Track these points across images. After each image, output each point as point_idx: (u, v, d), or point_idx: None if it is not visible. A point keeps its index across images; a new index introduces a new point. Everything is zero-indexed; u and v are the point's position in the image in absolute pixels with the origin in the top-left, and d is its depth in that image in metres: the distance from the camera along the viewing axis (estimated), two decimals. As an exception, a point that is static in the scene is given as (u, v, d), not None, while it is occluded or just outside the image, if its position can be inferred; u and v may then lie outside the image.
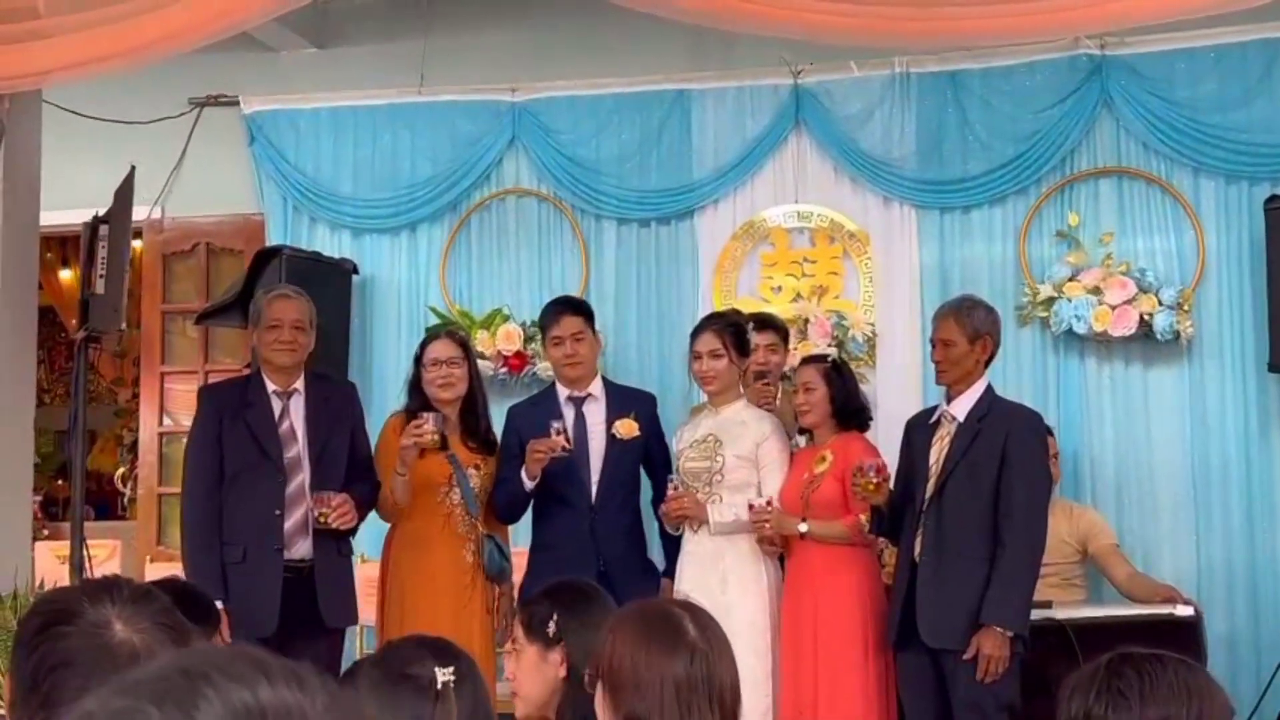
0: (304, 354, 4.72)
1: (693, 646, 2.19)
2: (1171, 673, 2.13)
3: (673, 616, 2.25)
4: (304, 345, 4.71)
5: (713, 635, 2.25)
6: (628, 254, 6.29)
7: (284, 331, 4.66)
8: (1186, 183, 5.76)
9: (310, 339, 4.73)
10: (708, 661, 2.19)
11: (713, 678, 2.18)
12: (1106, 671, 2.14)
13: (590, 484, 4.82)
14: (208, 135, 6.67)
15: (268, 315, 4.69)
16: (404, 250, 6.49)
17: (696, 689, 2.16)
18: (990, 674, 4.24)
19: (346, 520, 4.56)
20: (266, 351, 4.70)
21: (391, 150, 6.48)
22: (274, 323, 4.67)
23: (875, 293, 6.01)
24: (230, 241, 6.71)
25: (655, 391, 5.42)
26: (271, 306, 4.71)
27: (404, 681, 2.15)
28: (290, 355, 4.68)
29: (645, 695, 2.16)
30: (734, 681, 2.23)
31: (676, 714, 2.14)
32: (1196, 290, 5.67)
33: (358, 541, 5.89)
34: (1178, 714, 2.10)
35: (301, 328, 4.69)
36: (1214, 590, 5.48)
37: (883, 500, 4.47)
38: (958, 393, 4.55)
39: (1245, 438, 5.59)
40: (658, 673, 2.17)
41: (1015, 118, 5.92)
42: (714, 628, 2.27)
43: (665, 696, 2.15)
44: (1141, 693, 2.10)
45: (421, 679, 2.14)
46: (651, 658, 2.19)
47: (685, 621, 2.23)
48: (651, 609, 2.36)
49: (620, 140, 6.29)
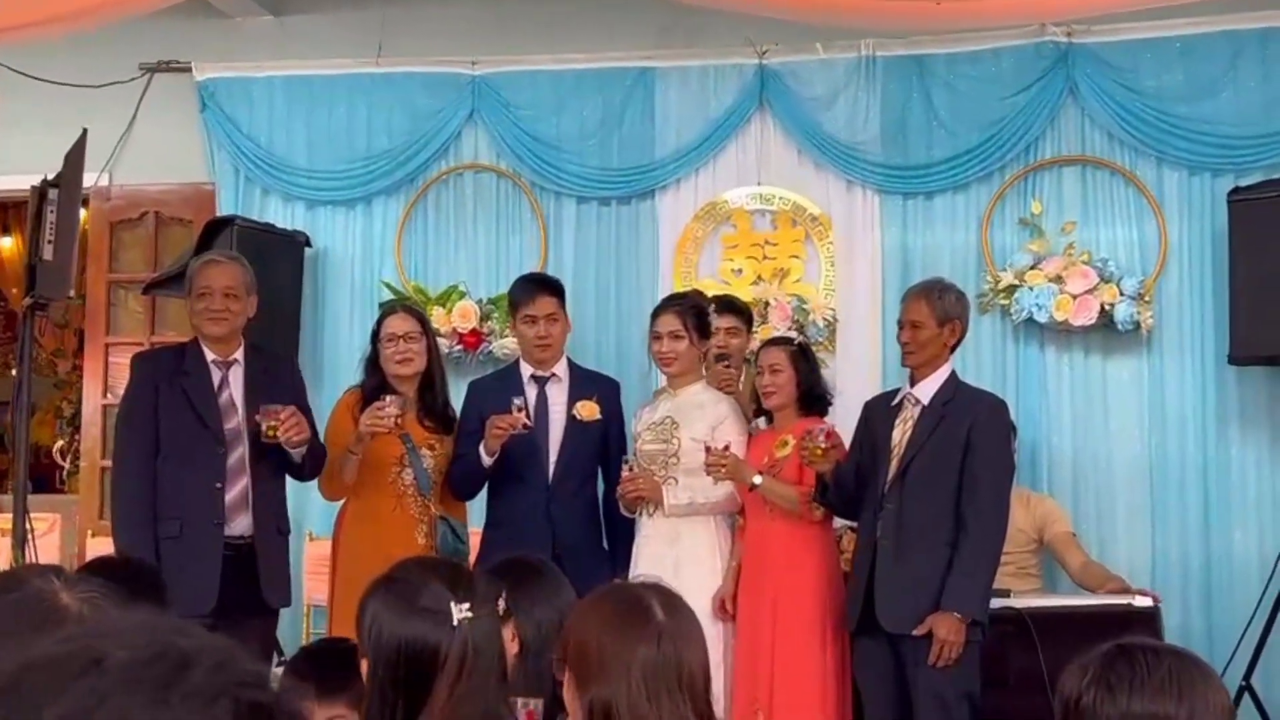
0: (237, 322, 4.54)
1: (660, 629, 2.14)
2: (1166, 668, 2.08)
3: (640, 599, 2.20)
4: (237, 313, 4.52)
5: (681, 618, 2.20)
6: (587, 233, 6.21)
7: (214, 299, 4.49)
8: (1150, 173, 5.75)
9: (245, 306, 4.55)
10: (675, 644, 2.14)
11: (681, 661, 2.14)
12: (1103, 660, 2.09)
13: (548, 464, 4.75)
14: (159, 102, 6.52)
15: (198, 282, 4.53)
16: (359, 223, 6.37)
17: (664, 672, 2.11)
18: (944, 659, 4.21)
19: (297, 432, 4.35)
20: (197, 320, 4.54)
21: (347, 121, 6.36)
22: (203, 290, 4.51)
23: (836, 277, 5.97)
24: (180, 211, 6.56)
25: (614, 372, 5.36)
26: (202, 273, 4.55)
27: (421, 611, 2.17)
28: (221, 324, 4.50)
29: (611, 679, 2.11)
30: (704, 665, 2.19)
31: (644, 698, 2.09)
32: (1158, 281, 5.66)
33: (308, 518, 5.83)
34: (1166, 710, 2.04)
35: (233, 295, 4.50)
36: (1169, 580, 5.49)
37: (829, 468, 4.43)
38: (922, 376, 4.51)
39: (1203, 429, 5.60)
40: (624, 656, 2.12)
41: (980, 104, 5.88)
42: (683, 610, 2.23)
43: (632, 680, 2.10)
44: (1131, 685, 2.06)
45: (439, 611, 2.16)
46: (617, 641, 2.14)
47: (653, 604, 2.18)
48: (618, 592, 2.31)
49: (582, 117, 6.20)
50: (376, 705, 2.19)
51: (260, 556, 4.47)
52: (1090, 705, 2.07)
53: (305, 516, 5.79)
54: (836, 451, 4.46)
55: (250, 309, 4.58)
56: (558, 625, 2.66)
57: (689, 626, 2.21)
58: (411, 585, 2.22)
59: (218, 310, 4.49)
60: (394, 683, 2.16)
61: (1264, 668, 5.13)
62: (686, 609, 2.25)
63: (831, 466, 4.44)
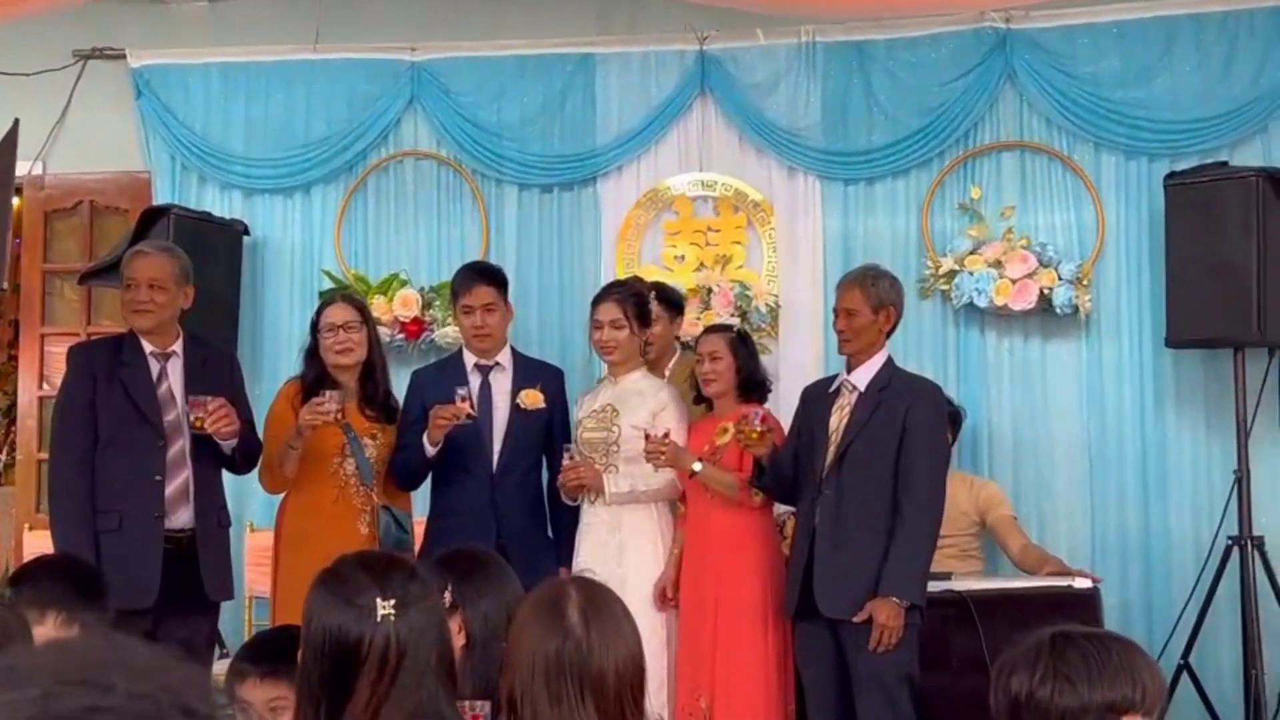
0: (164, 315, 4.45)
1: (568, 632, 2.13)
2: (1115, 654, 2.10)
3: (559, 599, 2.19)
4: (163, 305, 4.43)
5: (602, 620, 2.17)
6: (529, 220, 6.18)
7: (139, 291, 4.42)
8: (1087, 158, 5.79)
9: (173, 298, 4.46)
10: (583, 648, 2.13)
11: (588, 664, 2.12)
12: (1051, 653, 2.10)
13: (493, 453, 4.73)
14: (92, 89, 6.42)
15: (125, 274, 4.46)
16: (297, 212, 6.31)
17: (565, 674, 2.10)
18: (884, 643, 4.23)
19: (225, 424, 4.30)
20: (125, 313, 4.48)
21: (285, 109, 6.29)
22: (130, 281, 4.44)
23: (779, 263, 5.98)
24: (115, 200, 6.47)
25: (557, 360, 5.35)
26: (128, 265, 4.48)
27: (346, 605, 2.17)
28: (145, 317, 4.43)
29: (519, 671, 2.12)
30: (624, 668, 2.15)
31: (545, 697, 2.09)
32: (1095, 265, 5.71)
33: (249, 510, 5.78)
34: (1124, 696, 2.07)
35: (159, 287, 4.42)
36: (1107, 560, 5.54)
37: (765, 451, 4.45)
38: (859, 362, 4.53)
39: (1140, 412, 5.65)
40: (529, 652, 2.12)
41: (920, 90, 5.90)
42: (607, 612, 2.20)
43: (535, 676, 2.10)
44: (1089, 676, 2.07)
45: (363, 606, 2.15)
46: (526, 637, 2.15)
47: (569, 604, 2.17)
48: (546, 588, 2.30)
49: (522, 104, 6.17)
50: (305, 697, 2.18)
51: (201, 549, 4.43)
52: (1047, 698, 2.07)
53: (246, 508, 5.74)
54: (773, 435, 4.48)
55: (183, 300, 4.51)
56: (505, 617, 2.65)
57: (608, 629, 2.17)
58: (342, 579, 2.22)
59: (142, 302, 4.42)
60: (320, 676, 2.16)
61: (1201, 647, 5.20)
62: (613, 610, 2.22)
63: (768, 450, 4.46)
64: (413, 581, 2.22)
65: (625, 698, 2.14)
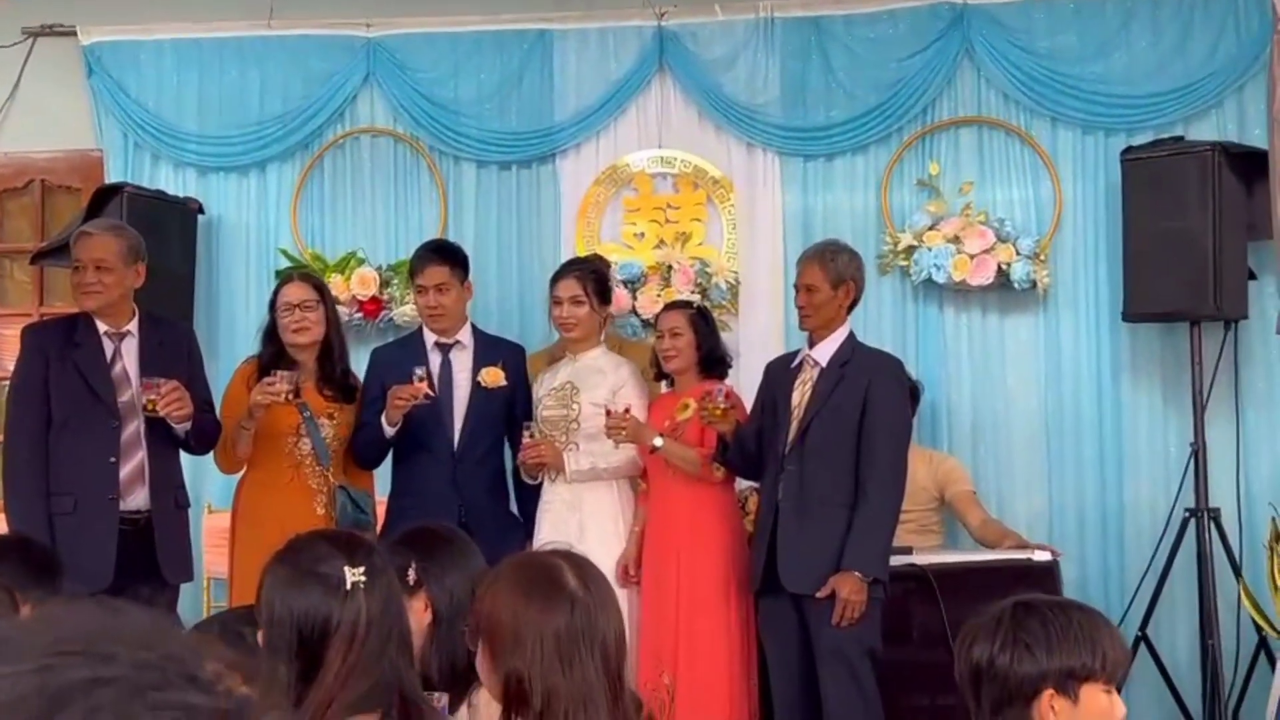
0: (112, 295, 4.39)
1: (573, 597, 2.13)
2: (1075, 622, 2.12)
3: (552, 568, 2.19)
4: (110, 285, 4.37)
5: (594, 584, 2.19)
6: (488, 197, 6.14)
7: (86, 273, 4.36)
8: (1045, 133, 5.81)
9: (122, 278, 4.40)
10: (589, 611, 2.13)
11: (594, 627, 2.13)
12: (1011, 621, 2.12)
13: (454, 431, 4.72)
14: (42, 67, 6.32)
15: (73, 255, 4.41)
16: (253, 190, 6.23)
17: (578, 639, 2.10)
18: (847, 618, 4.25)
19: (178, 408, 4.25)
20: (74, 294, 4.44)
21: (239, 86, 6.21)
22: (77, 262, 4.39)
23: (738, 240, 5.97)
24: (67, 178, 6.39)
25: (517, 337, 5.34)
26: (75, 246, 4.42)
27: (312, 579, 2.13)
28: (93, 298, 4.37)
29: (525, 650, 2.09)
30: (619, 630, 2.18)
31: (557, 667, 2.07)
32: (1053, 240, 5.73)
33: (206, 491, 5.73)
34: (1083, 663, 2.09)
35: (106, 267, 4.36)
36: (1066, 533, 5.58)
37: (729, 428, 4.45)
38: (820, 338, 4.53)
39: (1098, 386, 5.69)
40: (536, 627, 2.10)
41: (878, 66, 5.90)
42: (597, 577, 2.22)
43: (546, 650, 2.09)
44: (1048, 643, 2.09)
45: (331, 578, 2.12)
46: (530, 613, 2.12)
47: (564, 572, 2.17)
48: (529, 561, 2.29)
49: (479, 80, 6.12)
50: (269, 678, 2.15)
51: (158, 531, 4.40)
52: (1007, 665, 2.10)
53: (203, 489, 5.69)
54: (736, 412, 4.48)
55: (134, 279, 4.45)
56: (470, 592, 2.65)
57: (603, 593, 2.20)
58: (304, 553, 2.20)
59: (89, 284, 4.37)
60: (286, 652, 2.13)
61: (1158, 618, 5.24)
62: (600, 576, 2.24)
63: (732, 427, 4.46)
64: (374, 553, 2.20)
65: (621, 662, 2.16)
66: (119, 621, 0.75)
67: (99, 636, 0.72)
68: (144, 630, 0.73)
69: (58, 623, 0.74)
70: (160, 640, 0.72)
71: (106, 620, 0.75)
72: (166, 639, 0.73)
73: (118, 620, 0.75)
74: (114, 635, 0.72)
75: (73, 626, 0.73)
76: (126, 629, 0.73)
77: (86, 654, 0.70)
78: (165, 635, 0.73)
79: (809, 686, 4.37)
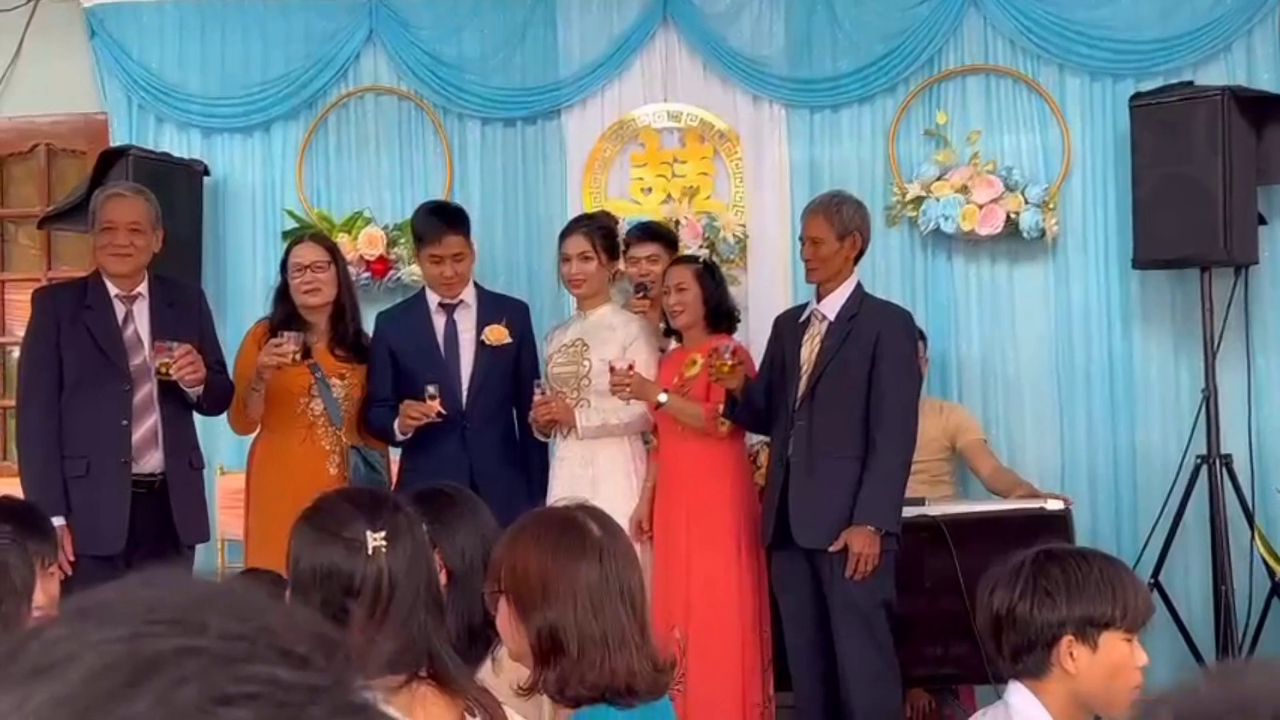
0: (143, 258, 4.43)
1: (600, 545, 2.17)
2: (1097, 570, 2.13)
3: (574, 520, 2.21)
4: (141, 249, 4.41)
5: (616, 536, 2.23)
6: (493, 154, 6.11)
7: (119, 235, 4.37)
8: (1052, 80, 5.76)
9: (150, 241, 4.44)
10: (615, 558, 2.17)
11: (625, 575, 2.17)
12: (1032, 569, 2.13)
13: (461, 391, 4.72)
14: (45, 30, 6.29)
15: (101, 217, 4.41)
16: (258, 150, 6.22)
17: (608, 587, 2.14)
18: (860, 571, 4.26)
19: (191, 372, 4.27)
20: (100, 256, 4.43)
21: (242, 46, 6.18)
22: (107, 224, 4.39)
23: (745, 193, 5.94)
24: (72, 142, 6.38)
25: (525, 296, 5.33)
26: (105, 208, 4.42)
27: (335, 540, 2.14)
28: (125, 261, 4.39)
29: (557, 603, 2.12)
30: (640, 579, 2.22)
31: (590, 617, 2.10)
32: (1061, 188, 5.70)
33: (218, 453, 5.74)
34: (1103, 611, 2.10)
35: (139, 230, 4.39)
36: (1077, 481, 5.57)
37: (737, 384, 4.44)
38: (828, 291, 4.52)
39: (1108, 334, 5.67)
40: (569, 579, 2.13)
41: (883, 15, 5.84)
42: (616, 529, 2.26)
43: (579, 601, 2.12)
44: (1068, 590, 2.10)
45: (354, 540, 2.13)
46: (559, 565, 2.15)
47: (588, 523, 2.20)
48: (549, 515, 2.31)
49: (483, 36, 6.08)
50: None
51: (173, 493, 4.42)
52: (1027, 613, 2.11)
53: (216, 450, 5.70)
54: (743, 367, 4.48)
55: (156, 244, 4.48)
56: (482, 550, 2.66)
57: (623, 542, 2.25)
58: (328, 514, 2.20)
59: (122, 246, 4.38)
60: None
61: (1170, 565, 5.25)
62: (618, 527, 2.29)
63: (740, 383, 4.45)
64: (398, 513, 2.21)
65: (644, 607, 2.20)
66: (216, 591, 0.74)
67: (194, 605, 0.71)
68: (239, 601, 0.73)
69: (160, 589, 0.74)
70: (255, 612, 0.72)
71: (203, 589, 0.74)
72: (263, 611, 0.72)
73: (214, 590, 0.74)
74: (209, 604, 0.71)
75: (170, 594, 0.73)
76: (222, 599, 0.73)
77: (179, 622, 0.69)
78: (261, 608, 0.73)
79: (823, 639, 4.39)
